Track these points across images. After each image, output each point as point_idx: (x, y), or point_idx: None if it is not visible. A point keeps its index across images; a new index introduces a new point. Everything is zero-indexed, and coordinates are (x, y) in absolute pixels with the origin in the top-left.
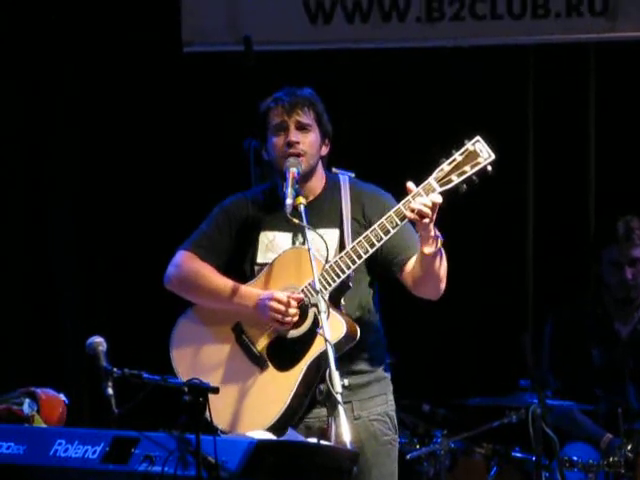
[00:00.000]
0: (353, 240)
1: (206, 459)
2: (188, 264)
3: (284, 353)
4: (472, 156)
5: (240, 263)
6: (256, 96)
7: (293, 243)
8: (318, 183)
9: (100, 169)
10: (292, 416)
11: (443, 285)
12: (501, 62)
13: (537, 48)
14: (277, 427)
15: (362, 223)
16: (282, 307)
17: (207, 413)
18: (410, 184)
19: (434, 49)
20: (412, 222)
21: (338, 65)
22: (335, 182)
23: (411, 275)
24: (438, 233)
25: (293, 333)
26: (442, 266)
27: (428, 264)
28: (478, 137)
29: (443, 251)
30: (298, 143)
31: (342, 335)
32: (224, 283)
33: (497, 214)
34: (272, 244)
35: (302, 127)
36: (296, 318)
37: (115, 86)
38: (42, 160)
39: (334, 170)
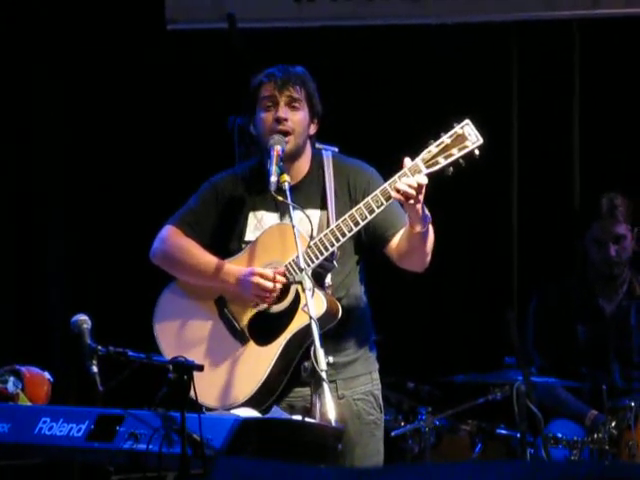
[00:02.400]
0: (338, 220)
1: (191, 437)
2: (173, 239)
3: (265, 328)
4: (460, 139)
5: (228, 241)
6: (240, 74)
7: None
8: (305, 163)
9: (85, 148)
10: (271, 390)
11: (428, 259)
12: (485, 39)
13: (521, 25)
14: (255, 401)
15: (347, 202)
16: (267, 283)
17: (192, 391)
18: (407, 160)
19: (418, 26)
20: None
21: (322, 43)
22: (319, 159)
23: (397, 249)
24: (427, 213)
25: (275, 308)
26: (429, 242)
27: (415, 241)
28: (467, 120)
29: (430, 227)
30: (287, 120)
31: (322, 312)
32: (207, 259)
33: (482, 192)
34: (260, 223)
35: (292, 104)
36: (275, 294)
37: (98, 64)
38: (29, 140)
39: (317, 145)
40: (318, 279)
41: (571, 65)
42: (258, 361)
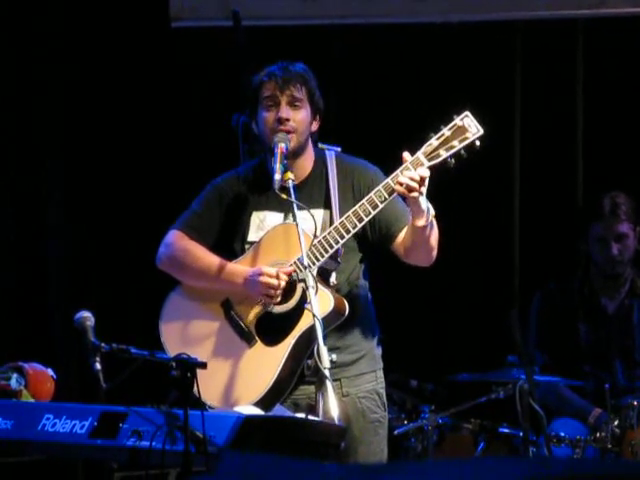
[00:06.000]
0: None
1: (194, 434)
2: (178, 244)
3: (272, 328)
4: (460, 131)
5: (231, 242)
6: (245, 72)
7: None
8: (308, 161)
9: (90, 148)
10: (280, 391)
11: (434, 253)
12: (489, 38)
13: (525, 24)
14: (265, 402)
15: (350, 201)
16: (273, 281)
17: (195, 388)
18: (406, 154)
19: (423, 25)
20: (402, 195)
21: (327, 40)
22: (322, 159)
23: (402, 245)
24: (429, 205)
25: (281, 308)
26: (433, 236)
27: (419, 235)
28: (467, 112)
29: (434, 221)
30: (288, 120)
31: (329, 310)
32: (213, 261)
33: (484, 190)
34: (263, 224)
35: (294, 104)
36: (280, 292)
37: (103, 62)
38: (30, 135)
39: (320, 146)
40: (324, 277)
41: (575, 64)
42: (267, 362)
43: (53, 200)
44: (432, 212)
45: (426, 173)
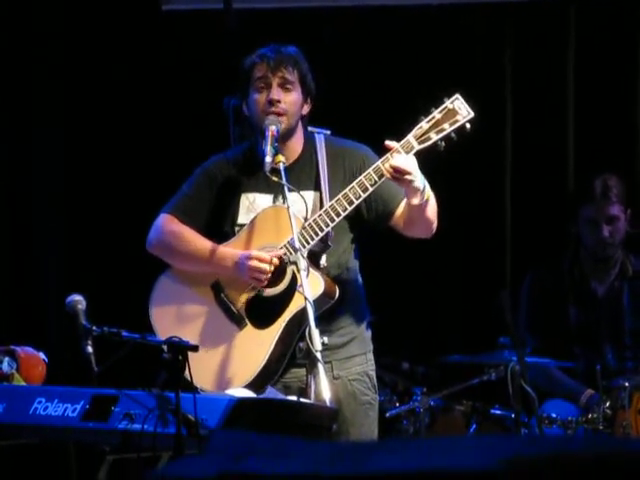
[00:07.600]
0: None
1: (186, 417)
2: (168, 227)
3: (262, 311)
4: (451, 114)
5: (221, 224)
6: (236, 55)
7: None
8: (297, 143)
9: (81, 130)
10: (271, 374)
11: (434, 226)
12: (480, 20)
13: (516, 6)
14: (256, 385)
15: (341, 182)
16: (263, 265)
17: (187, 371)
18: (388, 142)
19: (413, 7)
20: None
21: (318, 23)
22: (312, 142)
23: (401, 219)
24: (425, 182)
25: (271, 291)
26: (430, 210)
27: (415, 212)
28: (457, 95)
29: (432, 195)
30: (279, 102)
31: (319, 293)
32: (203, 244)
33: (475, 172)
34: (253, 205)
35: (285, 86)
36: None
37: (92, 45)
38: (27, 121)
39: (310, 129)
40: (314, 260)
41: (566, 46)
42: (257, 344)
43: (49, 184)
44: (428, 189)
45: (406, 165)
